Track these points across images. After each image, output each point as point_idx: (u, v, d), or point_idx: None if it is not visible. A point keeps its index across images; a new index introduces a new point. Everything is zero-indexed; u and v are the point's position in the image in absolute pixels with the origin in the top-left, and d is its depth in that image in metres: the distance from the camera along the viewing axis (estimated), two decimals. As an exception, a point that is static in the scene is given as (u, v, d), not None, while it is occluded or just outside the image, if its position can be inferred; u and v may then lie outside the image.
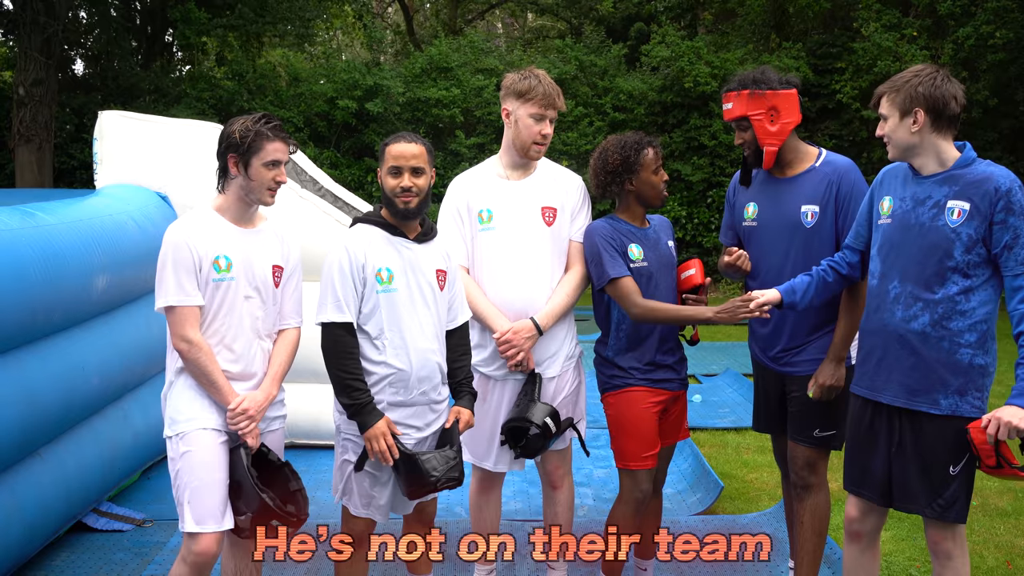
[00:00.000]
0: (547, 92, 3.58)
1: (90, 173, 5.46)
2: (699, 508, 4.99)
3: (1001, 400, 2.89)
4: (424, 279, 3.27)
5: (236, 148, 3.04)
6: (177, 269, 3.00)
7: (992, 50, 13.59)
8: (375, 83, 15.16)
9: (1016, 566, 4.29)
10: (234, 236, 3.11)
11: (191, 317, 3.02)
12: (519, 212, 3.64)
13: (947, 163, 3.01)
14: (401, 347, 3.21)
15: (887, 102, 3.07)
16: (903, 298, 3.04)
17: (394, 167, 3.19)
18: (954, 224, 2.94)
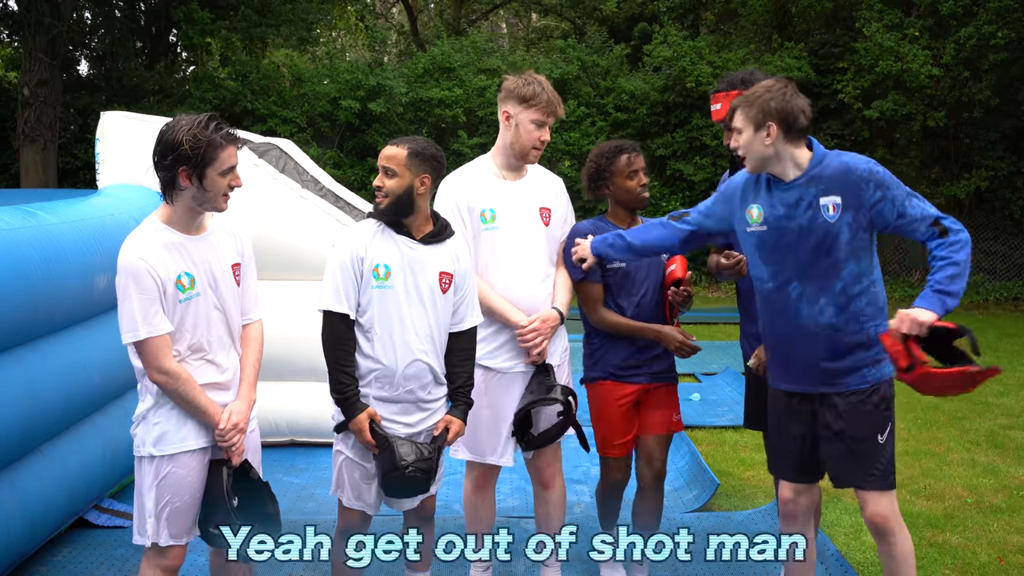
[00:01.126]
0: (550, 100, 3.63)
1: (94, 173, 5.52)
2: (695, 505, 5.02)
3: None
4: (424, 279, 3.29)
5: (187, 160, 2.83)
6: (141, 299, 2.84)
7: (994, 50, 13.60)
8: (378, 83, 15.21)
9: (1009, 562, 4.32)
10: (189, 248, 2.97)
11: (163, 347, 2.88)
12: (520, 212, 3.70)
13: (804, 166, 3.14)
14: (389, 344, 3.26)
15: (741, 116, 3.14)
16: (806, 296, 3.15)
17: (379, 166, 3.31)
18: (832, 219, 3.08)
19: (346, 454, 3.36)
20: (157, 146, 2.90)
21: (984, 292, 14.39)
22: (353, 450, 3.34)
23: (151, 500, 3.02)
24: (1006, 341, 10.68)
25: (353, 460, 3.35)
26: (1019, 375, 8.65)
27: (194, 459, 3.04)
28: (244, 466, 3.11)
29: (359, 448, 3.32)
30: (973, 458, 6.00)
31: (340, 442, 3.38)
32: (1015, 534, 4.67)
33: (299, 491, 5.36)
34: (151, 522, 3.03)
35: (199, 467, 3.05)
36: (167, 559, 3.06)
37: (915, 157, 15.11)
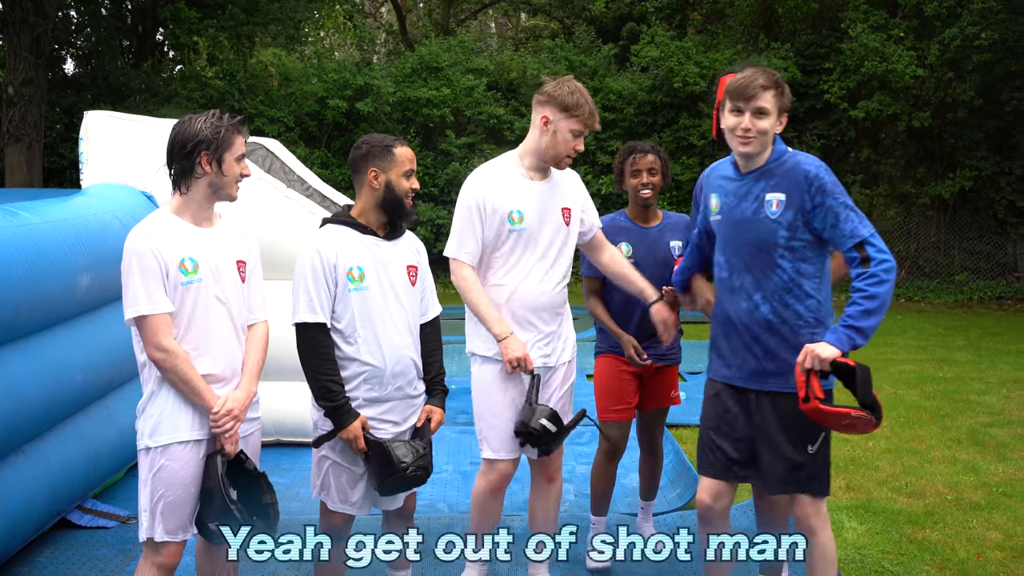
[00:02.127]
0: (592, 111, 3.65)
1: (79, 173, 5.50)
2: (679, 503, 5.05)
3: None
4: (395, 275, 3.34)
5: (208, 145, 3.00)
6: (144, 277, 2.93)
7: (977, 51, 13.71)
8: (365, 83, 15.21)
9: (987, 558, 4.36)
10: (196, 237, 3.05)
11: (163, 325, 2.95)
12: (546, 213, 3.69)
13: (764, 159, 3.18)
14: (375, 344, 3.27)
15: (773, 99, 3.10)
16: (744, 289, 3.20)
17: (410, 169, 3.32)
18: (774, 215, 3.11)
19: (332, 459, 3.35)
20: (173, 140, 3.03)
21: (968, 291, 14.49)
22: (340, 454, 3.34)
23: (146, 494, 3.04)
24: (989, 339, 10.76)
25: (340, 464, 3.35)
26: (1001, 373, 8.72)
27: (187, 451, 3.03)
28: (239, 457, 3.11)
29: (347, 452, 3.32)
30: (954, 455, 6.04)
31: (325, 447, 3.37)
32: (994, 530, 4.71)
33: (284, 491, 5.36)
34: (146, 517, 3.04)
35: (193, 460, 3.04)
36: (162, 556, 3.06)
37: (900, 157, 15.20)
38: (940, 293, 14.46)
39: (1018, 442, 6.35)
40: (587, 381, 8.23)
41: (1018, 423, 6.87)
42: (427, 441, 3.34)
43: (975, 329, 11.55)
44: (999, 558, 4.37)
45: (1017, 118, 14.43)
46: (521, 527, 4.74)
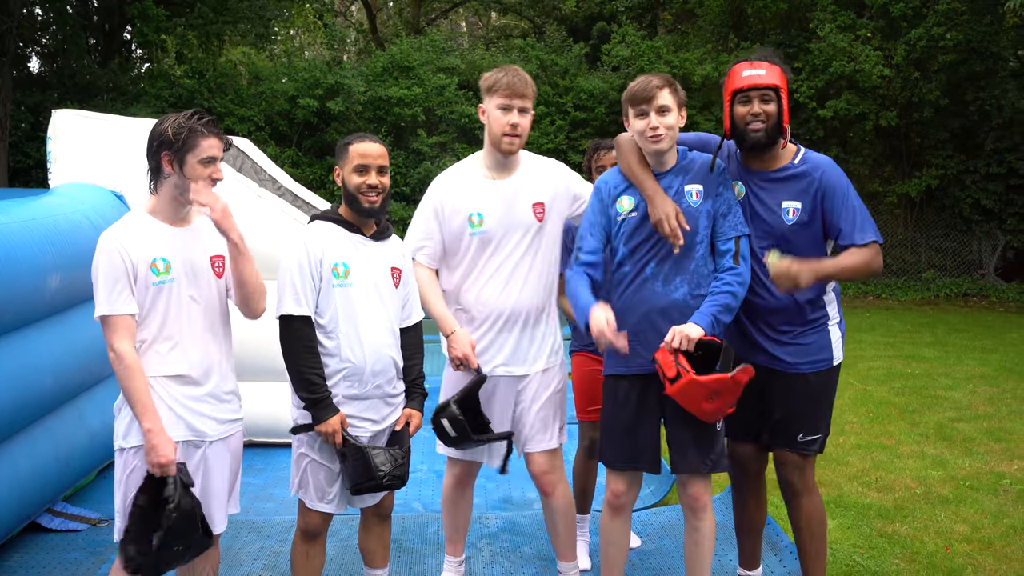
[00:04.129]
0: (511, 82, 3.52)
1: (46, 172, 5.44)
2: (652, 500, 5.07)
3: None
4: (380, 275, 3.34)
5: (169, 145, 2.96)
6: (108, 277, 2.90)
7: (943, 51, 13.90)
8: (336, 82, 15.13)
9: (954, 550, 4.43)
10: (169, 236, 3.02)
11: (122, 327, 2.90)
12: (511, 213, 3.59)
13: (675, 158, 3.39)
14: (356, 341, 3.27)
15: (671, 95, 3.29)
16: (662, 275, 3.32)
17: (361, 165, 3.27)
18: (695, 204, 3.33)
19: (311, 456, 3.34)
20: (148, 139, 3.02)
21: (935, 288, 14.69)
22: (319, 453, 3.33)
23: (120, 495, 3.00)
24: (955, 336, 10.92)
25: (319, 463, 3.34)
26: (967, 369, 8.86)
27: None
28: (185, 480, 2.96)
29: (325, 450, 3.31)
30: (922, 450, 6.13)
31: (304, 444, 3.35)
32: (961, 523, 4.79)
33: (257, 491, 5.34)
34: (120, 518, 3.00)
35: None
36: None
37: (868, 156, 15.38)
38: (907, 290, 14.65)
39: (984, 436, 6.45)
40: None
41: (984, 418, 6.98)
42: (406, 449, 3.34)
43: (942, 326, 11.72)
44: (966, 550, 4.44)
45: (981, 118, 14.65)
46: (496, 526, 4.75)
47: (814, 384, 3.45)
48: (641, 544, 4.49)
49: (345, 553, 4.42)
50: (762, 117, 3.32)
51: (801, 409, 3.46)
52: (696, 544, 3.46)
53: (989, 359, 9.36)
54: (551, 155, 16.31)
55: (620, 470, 3.47)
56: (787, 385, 3.44)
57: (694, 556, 3.48)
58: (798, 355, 3.42)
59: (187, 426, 3.03)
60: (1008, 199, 14.88)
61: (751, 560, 3.82)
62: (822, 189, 3.33)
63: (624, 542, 3.56)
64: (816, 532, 3.55)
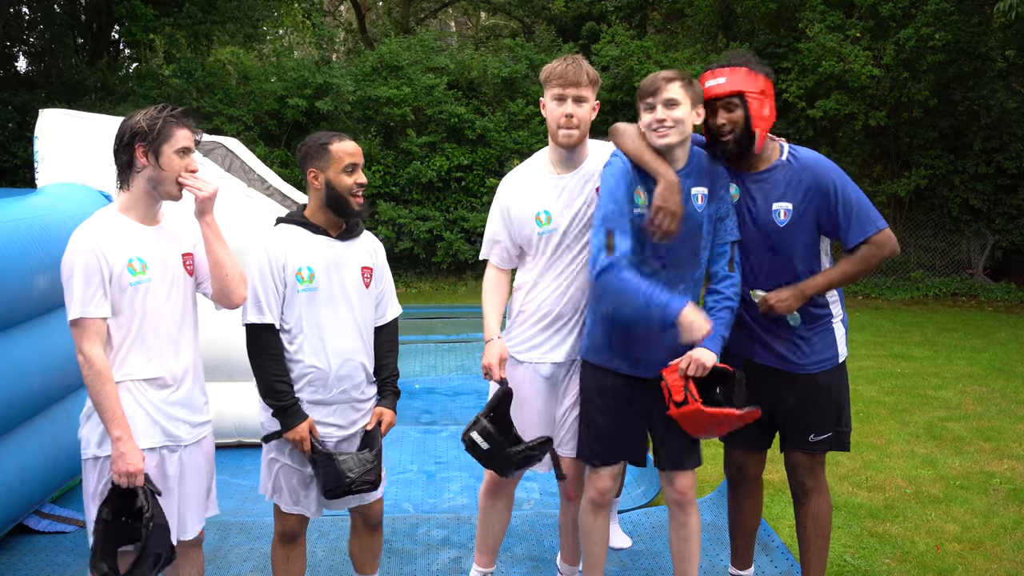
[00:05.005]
0: (564, 71, 3.34)
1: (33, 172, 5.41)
2: (643, 500, 5.07)
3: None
4: (348, 276, 3.27)
5: (144, 137, 2.88)
6: (84, 280, 2.82)
7: (931, 51, 13.94)
8: (325, 81, 15.10)
9: (945, 550, 4.43)
10: (143, 236, 2.95)
11: (93, 331, 2.83)
12: (579, 208, 3.46)
13: (686, 157, 3.30)
14: (320, 346, 3.23)
15: (683, 89, 3.21)
16: (669, 280, 3.27)
17: (350, 164, 3.21)
18: (700, 208, 3.28)
19: (282, 461, 3.31)
20: (117, 133, 2.94)
21: (924, 288, 14.73)
22: (290, 456, 3.30)
23: (95, 506, 2.92)
24: (944, 335, 10.95)
25: (291, 466, 3.31)
26: (957, 369, 8.88)
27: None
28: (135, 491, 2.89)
29: (296, 454, 3.28)
30: (912, 450, 6.14)
31: (274, 449, 3.33)
32: (951, 523, 4.80)
33: (247, 493, 5.31)
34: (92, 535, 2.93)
35: (147, 468, 2.93)
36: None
37: (857, 156, 15.41)
38: (896, 290, 14.69)
39: (974, 436, 6.47)
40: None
41: (974, 417, 7.00)
42: (376, 450, 3.27)
43: (931, 325, 11.75)
44: (957, 550, 4.45)
45: (970, 118, 14.70)
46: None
47: (822, 383, 3.44)
48: (632, 544, 4.48)
49: (335, 555, 4.40)
50: (727, 127, 3.29)
51: (811, 409, 3.45)
52: (684, 540, 3.47)
53: (978, 358, 9.39)
54: (541, 155, 16.31)
55: (604, 465, 3.46)
56: (795, 385, 3.43)
57: (682, 551, 3.49)
58: (805, 355, 3.41)
59: (163, 431, 2.98)
60: (997, 199, 14.94)
61: (743, 560, 3.82)
62: (812, 189, 3.30)
63: (605, 539, 3.59)
64: (821, 532, 3.55)
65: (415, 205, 15.26)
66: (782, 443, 3.58)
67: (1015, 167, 14.49)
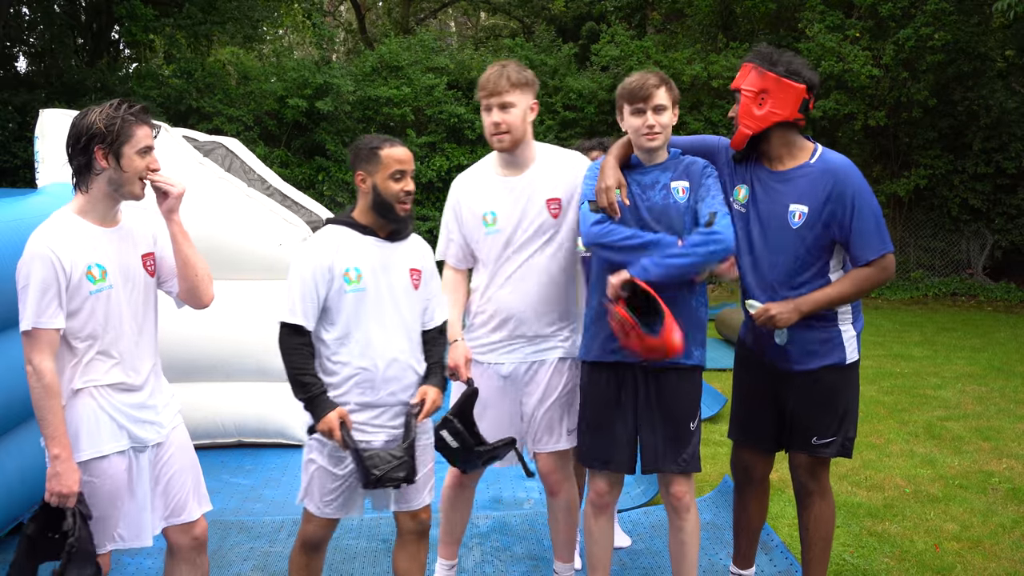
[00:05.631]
0: (486, 80, 3.45)
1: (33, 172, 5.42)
2: (642, 500, 5.08)
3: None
4: (396, 278, 3.21)
5: (102, 139, 2.76)
6: (39, 288, 2.72)
7: (931, 51, 13.96)
8: (325, 82, 15.10)
9: (944, 549, 4.44)
10: (102, 240, 2.85)
11: (45, 342, 2.74)
12: (524, 210, 3.52)
13: (666, 156, 3.44)
14: (367, 347, 3.16)
15: (667, 94, 3.32)
16: None
17: (399, 171, 3.15)
18: (682, 201, 3.35)
19: (319, 463, 3.24)
20: (70, 134, 2.81)
21: (923, 288, 14.75)
22: (327, 460, 3.22)
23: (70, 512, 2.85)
24: (944, 335, 10.96)
25: (326, 470, 3.22)
26: (956, 368, 8.89)
27: (111, 464, 2.87)
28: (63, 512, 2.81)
29: (333, 458, 3.20)
30: (912, 449, 6.15)
31: (314, 450, 3.26)
32: (950, 522, 4.81)
33: (247, 492, 5.32)
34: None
35: (118, 472, 2.88)
36: None
37: (857, 156, 15.42)
38: (896, 290, 14.70)
39: (973, 435, 6.48)
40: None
41: (973, 417, 7.01)
42: (408, 443, 3.15)
43: (930, 325, 11.76)
44: (956, 549, 4.45)
45: (969, 117, 14.72)
46: (486, 526, 4.75)
47: (825, 383, 3.42)
48: (631, 544, 4.49)
49: (334, 554, 4.41)
50: (733, 119, 3.40)
51: (813, 410, 3.44)
52: (681, 544, 3.47)
53: (978, 358, 9.40)
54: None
55: (597, 469, 3.48)
56: (797, 384, 3.43)
57: (680, 556, 3.49)
58: (806, 353, 3.40)
59: (129, 435, 2.92)
60: (996, 199, 14.95)
61: (745, 559, 3.82)
62: (832, 196, 3.28)
63: (608, 541, 3.59)
64: (823, 534, 3.55)
65: (415, 205, 15.23)
66: (787, 444, 3.58)
67: (1014, 167, 14.51)
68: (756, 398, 3.58)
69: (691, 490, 3.44)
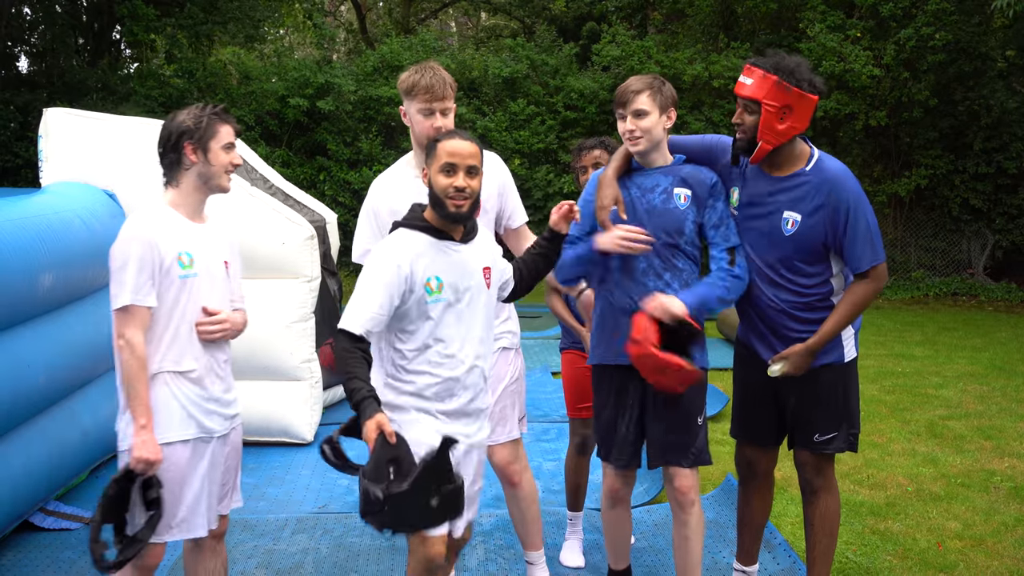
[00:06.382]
0: (430, 84, 3.39)
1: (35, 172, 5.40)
2: (645, 498, 5.08)
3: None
4: (473, 281, 3.07)
5: (191, 134, 3.01)
6: (137, 267, 2.89)
7: (932, 51, 13.97)
8: (326, 81, 15.12)
9: (946, 547, 4.45)
10: (192, 232, 3.06)
11: (139, 319, 2.89)
12: None
13: (669, 159, 3.45)
14: (449, 356, 3.03)
15: (650, 99, 3.32)
16: (651, 272, 3.36)
17: (448, 164, 2.96)
18: (683, 207, 3.38)
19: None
20: (161, 135, 3.06)
21: (924, 288, 14.75)
22: None
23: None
24: (944, 335, 10.97)
25: None
26: (957, 368, 8.90)
27: (176, 452, 2.98)
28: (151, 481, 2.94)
29: None
30: (914, 448, 6.16)
31: None
32: (952, 520, 4.82)
33: (250, 490, 5.33)
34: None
35: (182, 460, 2.98)
36: (144, 557, 2.99)
37: (857, 156, 15.43)
38: (897, 290, 14.71)
39: (975, 434, 6.49)
40: (553, 379, 8.28)
41: (974, 415, 7.02)
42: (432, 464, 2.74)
43: (931, 325, 11.77)
44: (958, 547, 4.46)
45: (970, 117, 14.72)
46: (490, 524, 4.76)
47: (825, 381, 3.43)
48: (635, 542, 4.50)
49: (339, 551, 4.42)
50: (743, 128, 3.31)
51: (815, 408, 3.46)
52: (685, 539, 3.49)
53: (979, 358, 9.41)
54: (541, 155, 16.27)
55: (618, 467, 3.52)
56: (797, 383, 3.43)
57: (684, 551, 3.51)
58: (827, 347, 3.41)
59: (197, 424, 3.02)
60: (997, 199, 14.96)
61: (749, 556, 3.83)
62: (825, 204, 3.28)
63: (627, 529, 3.69)
64: (828, 531, 3.56)
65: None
66: (790, 441, 3.60)
67: (1015, 167, 14.51)
68: (756, 397, 3.59)
69: (696, 485, 3.46)
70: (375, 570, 4.23)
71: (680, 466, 3.42)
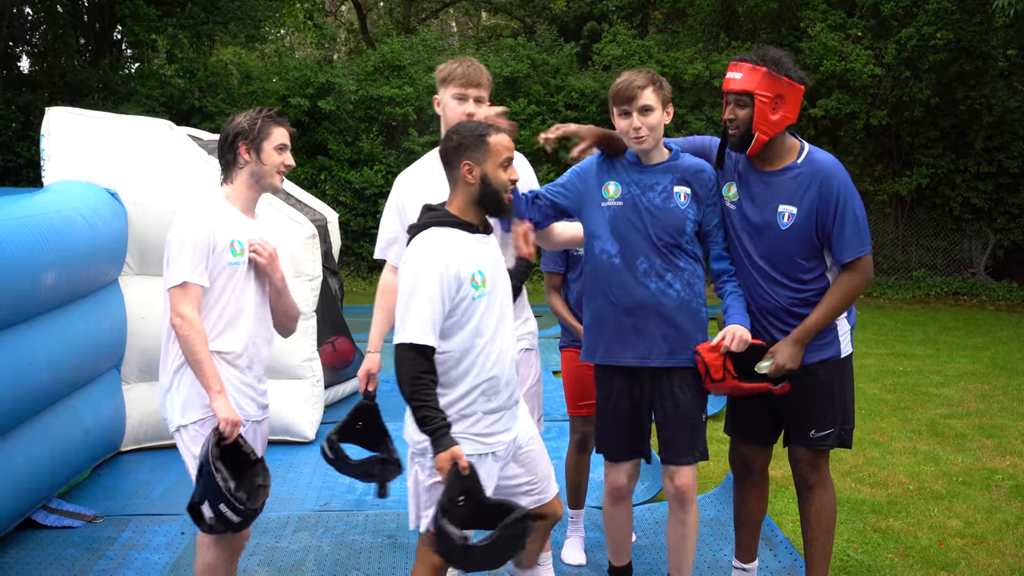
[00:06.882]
0: (466, 71, 3.41)
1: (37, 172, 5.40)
2: (646, 496, 5.09)
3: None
4: (501, 270, 3.06)
5: (246, 135, 3.17)
6: (194, 248, 3.06)
7: (933, 50, 13.97)
8: (327, 81, 15.12)
9: (948, 545, 4.45)
10: (243, 223, 3.22)
11: (194, 296, 3.06)
12: None
13: (665, 155, 3.41)
14: (494, 352, 2.97)
15: (655, 94, 3.30)
16: (652, 273, 3.34)
17: (508, 159, 2.98)
18: (683, 206, 3.36)
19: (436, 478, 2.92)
20: (220, 136, 3.24)
21: (925, 287, 14.75)
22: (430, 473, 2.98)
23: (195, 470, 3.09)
24: (946, 334, 10.97)
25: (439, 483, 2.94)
26: (958, 367, 8.90)
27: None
28: (237, 441, 3.11)
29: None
30: (915, 447, 6.16)
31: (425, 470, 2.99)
32: (954, 518, 4.82)
33: (252, 489, 5.33)
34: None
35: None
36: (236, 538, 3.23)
37: (859, 155, 15.43)
38: (898, 289, 14.70)
39: (976, 433, 6.49)
40: (554, 378, 8.28)
41: (976, 414, 7.02)
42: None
43: (933, 324, 11.77)
44: (960, 545, 4.47)
45: (972, 117, 14.72)
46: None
47: (822, 378, 3.45)
48: (635, 540, 4.50)
49: (340, 549, 4.43)
50: (736, 123, 3.33)
51: (811, 404, 3.47)
52: (682, 536, 3.51)
53: (980, 356, 9.41)
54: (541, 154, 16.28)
55: (618, 460, 3.53)
56: (793, 380, 3.43)
57: (680, 547, 3.53)
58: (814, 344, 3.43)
59: (236, 404, 3.14)
60: (998, 198, 14.95)
61: (747, 553, 3.83)
62: (817, 196, 3.32)
63: (628, 526, 3.71)
64: (824, 527, 3.57)
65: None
66: (786, 438, 3.61)
67: (1016, 166, 14.51)
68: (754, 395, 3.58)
69: (695, 482, 3.48)
70: (377, 568, 4.23)
71: (685, 464, 3.44)
